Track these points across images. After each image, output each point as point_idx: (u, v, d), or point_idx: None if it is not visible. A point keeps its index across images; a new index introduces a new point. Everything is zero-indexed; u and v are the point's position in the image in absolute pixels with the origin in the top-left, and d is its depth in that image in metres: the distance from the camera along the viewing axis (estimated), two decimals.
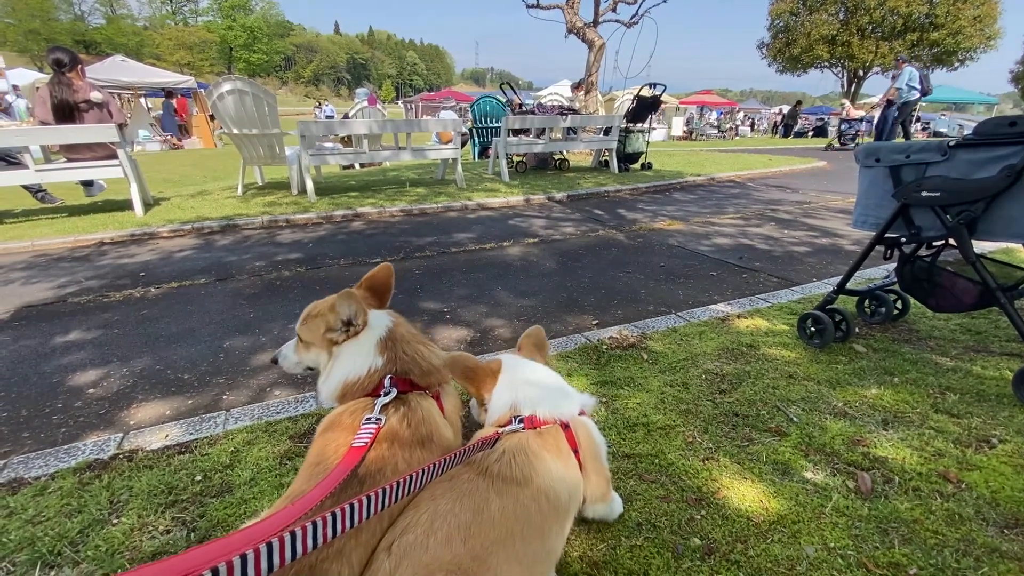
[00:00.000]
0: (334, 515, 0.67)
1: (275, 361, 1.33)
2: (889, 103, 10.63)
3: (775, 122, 26.69)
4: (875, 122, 11.74)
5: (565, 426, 1.09)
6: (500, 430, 1.02)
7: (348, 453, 0.92)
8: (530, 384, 1.16)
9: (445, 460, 0.88)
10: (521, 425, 1.05)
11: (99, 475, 1.47)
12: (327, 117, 15.61)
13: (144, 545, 1.21)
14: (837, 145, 13.23)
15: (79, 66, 4.90)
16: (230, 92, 5.45)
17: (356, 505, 0.70)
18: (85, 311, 2.88)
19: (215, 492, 1.39)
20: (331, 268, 3.64)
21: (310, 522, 0.63)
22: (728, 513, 1.29)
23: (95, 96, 4.89)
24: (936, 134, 21.98)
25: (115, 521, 1.29)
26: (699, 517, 1.28)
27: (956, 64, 24.35)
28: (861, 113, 14.01)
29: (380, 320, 1.21)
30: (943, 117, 23.86)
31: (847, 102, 17.08)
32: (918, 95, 10.40)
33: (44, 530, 1.26)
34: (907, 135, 11.04)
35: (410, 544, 0.82)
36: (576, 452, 1.07)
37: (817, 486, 1.37)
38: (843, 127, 13.43)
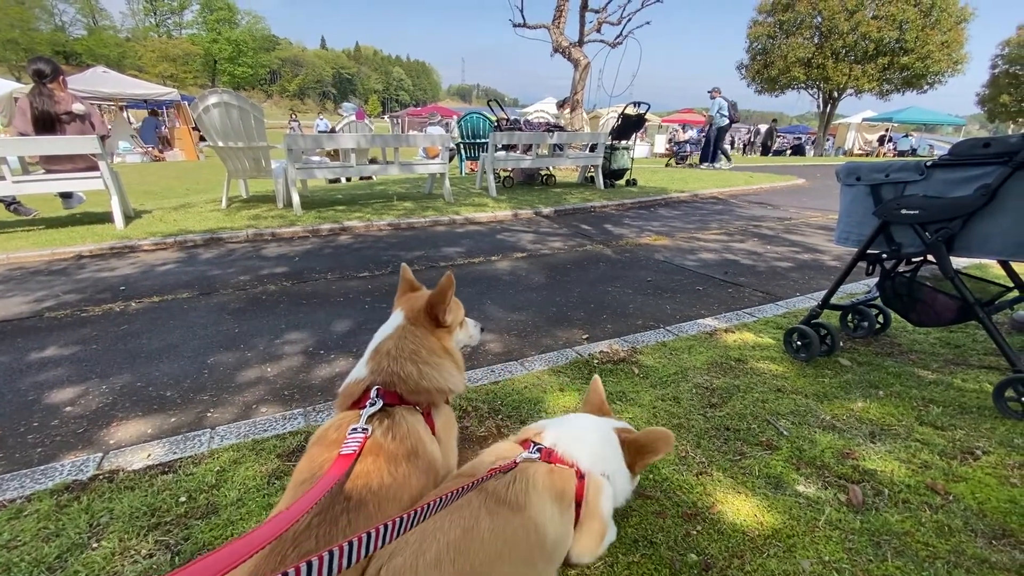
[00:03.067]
0: (348, 546, 0.63)
1: None
2: (721, 127, 13.25)
3: (744, 142, 27.40)
4: (700, 143, 14.79)
5: (581, 476, 1.06)
6: (518, 457, 1.00)
7: (336, 461, 0.91)
8: (564, 423, 1.19)
9: (460, 490, 0.86)
10: (537, 454, 1.03)
11: (78, 497, 1.41)
12: (320, 131, 15.53)
13: (126, 570, 1.17)
14: (674, 164, 15.24)
15: (60, 77, 4.83)
16: (216, 105, 5.41)
17: (373, 534, 0.67)
18: (63, 326, 2.80)
19: (200, 513, 1.35)
20: (318, 282, 3.60)
21: (305, 562, 0.58)
22: (723, 528, 1.29)
23: (77, 108, 4.80)
24: (900, 153, 22.80)
25: (95, 545, 1.24)
26: (695, 532, 1.27)
27: (925, 87, 25.28)
28: (688, 136, 16.87)
29: (381, 332, 1.23)
30: (909, 137, 24.79)
31: (680, 126, 21.10)
32: (727, 121, 12.96)
33: (20, 555, 1.20)
34: (713, 155, 13.58)
35: (399, 568, 0.80)
36: (579, 506, 1.04)
37: (810, 499, 1.38)
38: (676, 148, 16.06)
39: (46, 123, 4.71)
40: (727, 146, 13.84)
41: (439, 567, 0.80)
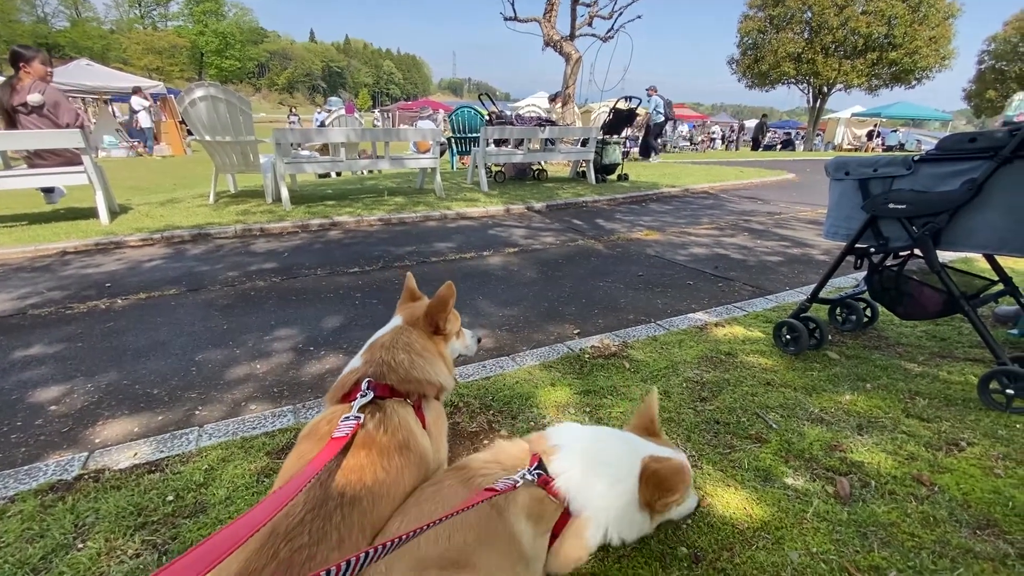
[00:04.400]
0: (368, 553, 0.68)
1: None
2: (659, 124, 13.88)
3: (728, 139, 27.34)
4: (640, 139, 15.37)
5: (569, 513, 1.01)
6: (517, 480, 0.95)
7: (328, 445, 0.92)
8: (584, 450, 1.08)
9: (468, 506, 0.87)
10: (535, 478, 0.98)
11: (63, 497, 1.39)
12: (319, 125, 15.32)
13: (112, 571, 1.15)
14: None
15: (22, 65, 4.54)
16: (203, 98, 5.32)
17: (372, 553, 0.70)
18: (47, 323, 2.76)
19: (188, 512, 1.34)
20: (307, 278, 3.57)
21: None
22: (713, 521, 1.30)
23: (32, 99, 4.51)
24: (888, 148, 23.07)
25: (80, 546, 1.22)
26: (685, 526, 1.28)
27: (913, 82, 25.47)
28: (626, 132, 17.61)
29: (378, 332, 1.25)
30: (897, 132, 25.13)
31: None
32: (663, 118, 13.54)
33: (3, 556, 1.18)
34: (652, 148, 14.12)
35: (391, 536, 0.83)
36: (557, 532, 1.01)
37: (798, 491, 1.40)
38: None
39: (5, 117, 4.56)
40: (657, 141, 14.46)
41: (436, 542, 0.85)
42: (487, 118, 8.57)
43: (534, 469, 0.99)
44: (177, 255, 4.14)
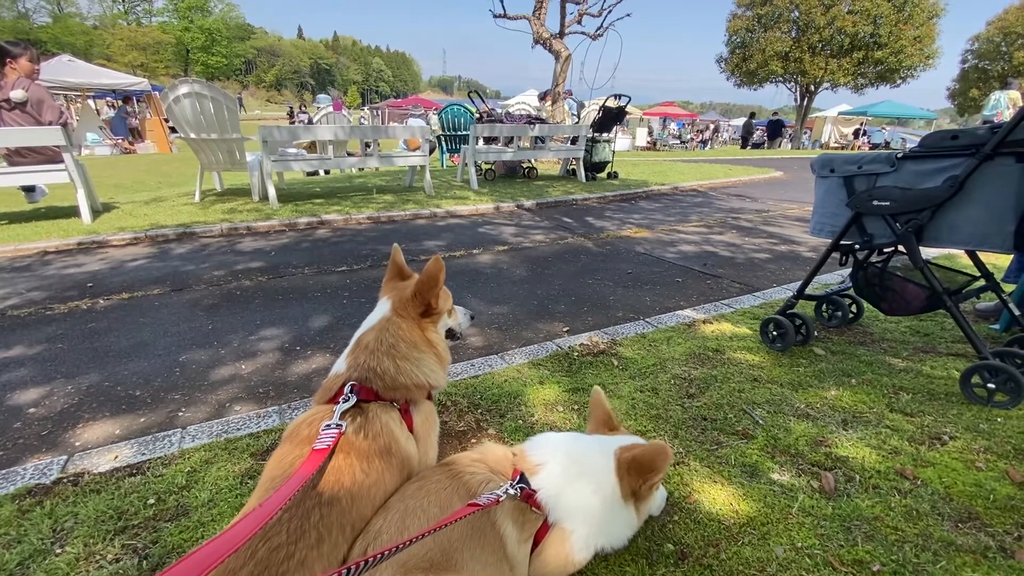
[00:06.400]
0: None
1: None
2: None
3: (701, 138, 27.38)
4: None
5: (549, 523, 1.02)
6: (500, 494, 0.95)
7: (309, 456, 0.91)
8: (565, 465, 1.07)
9: (459, 518, 0.87)
10: (518, 492, 0.98)
11: (40, 501, 1.36)
12: (308, 122, 15.10)
13: None
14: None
15: (9, 61, 4.41)
16: (187, 95, 5.24)
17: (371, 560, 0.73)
18: (26, 324, 2.70)
19: (170, 516, 1.32)
20: (294, 277, 3.53)
21: None
22: (700, 517, 1.30)
23: (16, 95, 4.41)
24: (875, 146, 23.38)
25: (59, 551, 1.20)
26: (672, 523, 1.28)
27: (899, 81, 25.82)
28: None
29: (366, 322, 1.21)
30: (883, 131, 25.50)
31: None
32: (578, 120, 13.75)
33: None
34: None
35: (385, 545, 0.83)
36: (538, 539, 1.02)
37: (784, 487, 1.41)
38: None
39: None
40: None
41: (421, 543, 0.84)
42: (477, 116, 8.54)
43: (516, 483, 1.00)
44: (161, 254, 4.08)
